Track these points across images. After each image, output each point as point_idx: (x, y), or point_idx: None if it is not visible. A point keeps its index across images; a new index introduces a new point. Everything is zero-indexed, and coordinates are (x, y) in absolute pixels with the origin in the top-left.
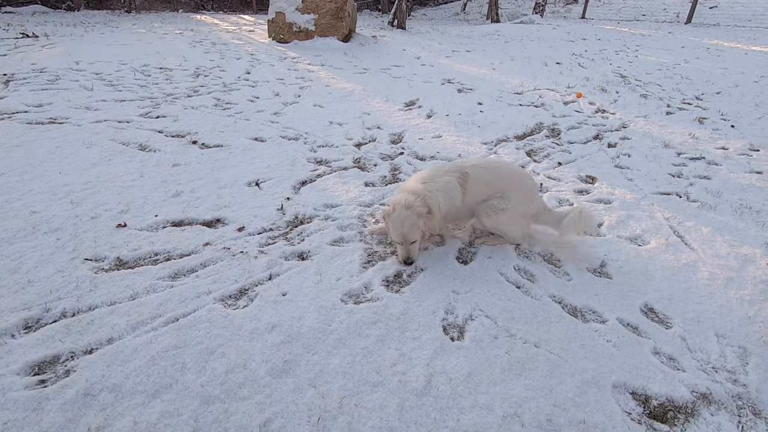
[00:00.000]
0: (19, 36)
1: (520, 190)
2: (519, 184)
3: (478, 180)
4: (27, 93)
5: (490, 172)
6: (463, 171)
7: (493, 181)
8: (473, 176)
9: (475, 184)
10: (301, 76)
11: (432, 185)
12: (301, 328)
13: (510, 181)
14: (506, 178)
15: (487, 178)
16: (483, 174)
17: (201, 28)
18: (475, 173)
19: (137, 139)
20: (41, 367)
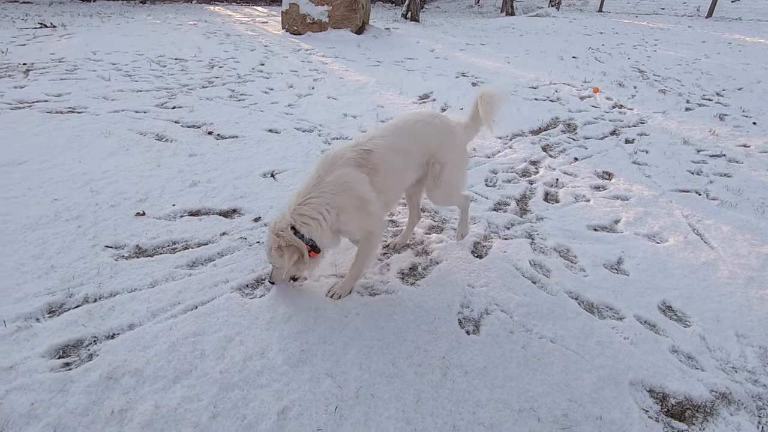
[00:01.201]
0: (37, 26)
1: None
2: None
3: (388, 152)
4: (46, 82)
5: (397, 137)
6: (362, 150)
7: (409, 144)
8: (380, 151)
9: (388, 159)
10: (314, 68)
11: (308, 203)
12: (317, 318)
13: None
14: (423, 132)
15: (399, 144)
16: (390, 143)
17: (215, 19)
18: (381, 145)
19: (154, 129)
20: (65, 351)
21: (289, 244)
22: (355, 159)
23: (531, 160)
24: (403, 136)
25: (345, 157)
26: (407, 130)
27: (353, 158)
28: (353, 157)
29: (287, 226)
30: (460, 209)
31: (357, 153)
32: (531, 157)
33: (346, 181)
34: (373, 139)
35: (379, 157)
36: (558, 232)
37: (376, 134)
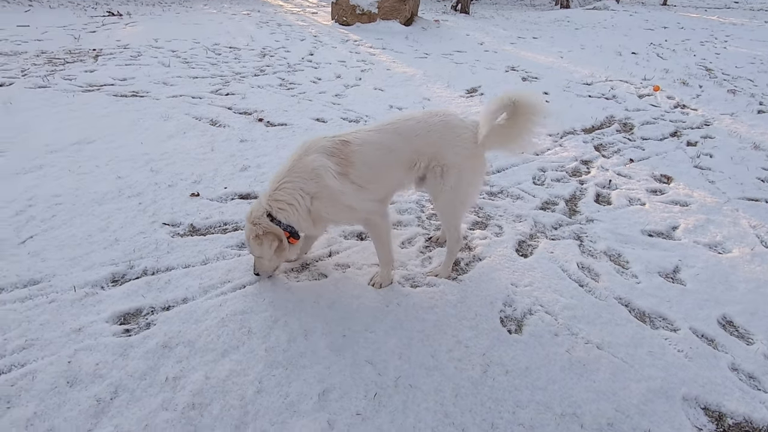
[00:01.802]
0: (105, 14)
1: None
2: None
3: (365, 146)
4: (113, 67)
5: (382, 132)
6: (339, 141)
7: (393, 141)
8: (357, 143)
9: (364, 152)
10: (362, 59)
11: (283, 188)
12: (359, 306)
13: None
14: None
15: (382, 139)
16: (372, 137)
17: (267, 9)
18: (360, 139)
19: (208, 114)
20: (126, 318)
21: (266, 231)
22: (329, 148)
23: (582, 159)
24: (389, 132)
25: (318, 144)
26: (396, 127)
27: (327, 147)
28: (327, 146)
29: (263, 214)
30: (449, 244)
31: (332, 143)
32: (582, 157)
33: (314, 167)
34: (357, 132)
35: (355, 149)
36: (609, 235)
37: (363, 128)
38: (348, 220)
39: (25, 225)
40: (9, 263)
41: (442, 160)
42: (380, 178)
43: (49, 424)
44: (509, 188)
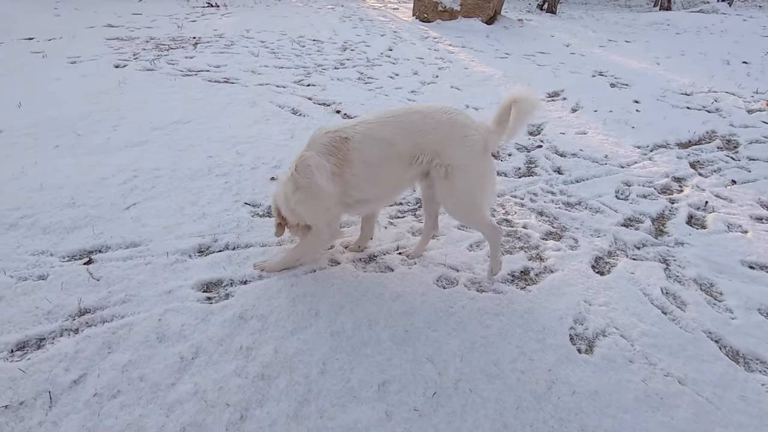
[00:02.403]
0: (205, 5)
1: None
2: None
3: (364, 142)
4: (209, 55)
5: (383, 125)
6: (339, 137)
7: (393, 135)
8: (356, 140)
9: (369, 148)
10: (440, 57)
11: (287, 176)
12: (423, 303)
13: (431, 131)
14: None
15: (381, 133)
16: (372, 131)
17: (350, 4)
18: (360, 133)
19: (290, 103)
20: (208, 287)
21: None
22: (327, 146)
23: (675, 176)
24: (389, 125)
25: (318, 142)
26: (397, 120)
27: (325, 145)
28: (326, 144)
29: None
30: (485, 238)
31: (331, 139)
32: (675, 173)
33: (309, 164)
34: (356, 126)
35: (354, 146)
36: (701, 262)
37: (363, 120)
38: (309, 218)
39: (130, 193)
40: (116, 225)
41: (447, 160)
42: (378, 177)
43: (140, 372)
44: (588, 200)
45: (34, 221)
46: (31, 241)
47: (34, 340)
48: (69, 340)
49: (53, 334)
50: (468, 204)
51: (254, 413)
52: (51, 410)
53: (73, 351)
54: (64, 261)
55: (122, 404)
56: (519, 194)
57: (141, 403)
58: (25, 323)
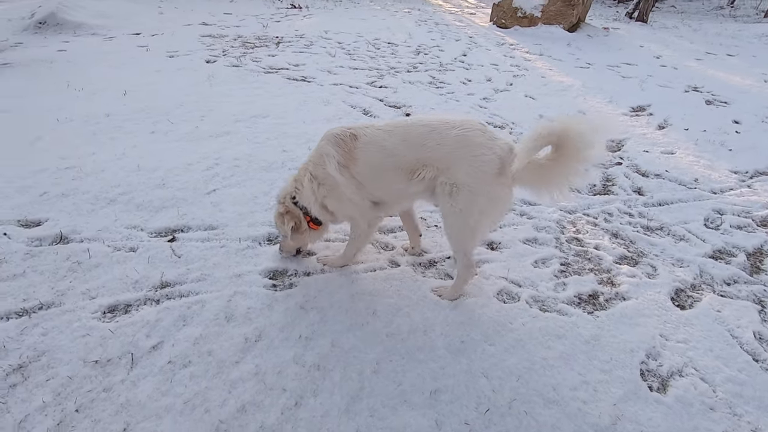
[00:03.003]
0: (289, 6)
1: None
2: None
3: (371, 144)
4: (290, 54)
5: (391, 134)
6: (349, 133)
7: (397, 146)
8: (364, 140)
9: (373, 153)
10: (516, 64)
11: (302, 172)
12: (481, 316)
13: (437, 148)
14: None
15: (388, 141)
16: (380, 137)
17: (427, 8)
18: (369, 135)
19: (362, 104)
20: (275, 275)
21: (287, 210)
22: (337, 138)
23: None
24: (395, 135)
25: (332, 133)
26: (405, 131)
27: (337, 135)
28: (338, 135)
29: (288, 194)
30: (458, 267)
31: (342, 132)
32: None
33: (321, 154)
34: (369, 128)
35: (360, 146)
36: None
37: (376, 124)
38: (343, 214)
39: (212, 179)
40: (197, 208)
41: (452, 178)
42: (379, 180)
43: (209, 347)
44: (672, 226)
45: (130, 198)
46: (126, 216)
47: (122, 305)
48: (151, 309)
49: (138, 301)
50: (461, 227)
51: (308, 402)
52: (132, 370)
53: (154, 319)
54: (152, 237)
55: (192, 374)
56: (592, 213)
57: (207, 376)
58: (116, 289)
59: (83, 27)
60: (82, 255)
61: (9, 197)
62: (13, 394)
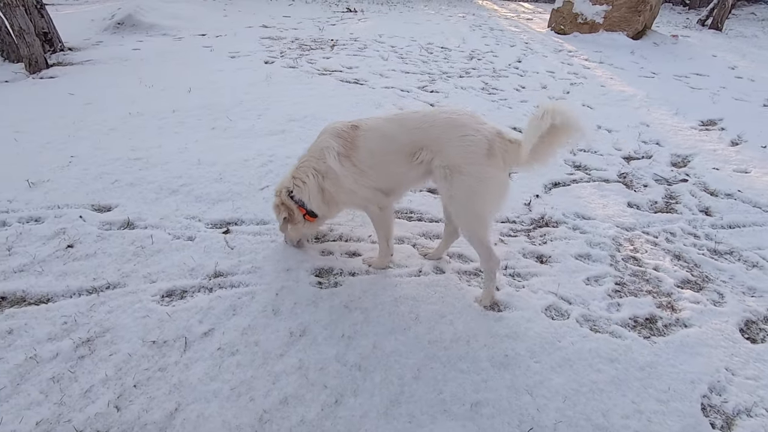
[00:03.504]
0: (344, 10)
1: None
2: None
3: (371, 132)
4: (344, 56)
5: (390, 122)
6: (350, 125)
7: (396, 131)
8: (370, 127)
9: (375, 139)
10: (574, 72)
11: (302, 167)
12: (528, 330)
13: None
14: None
15: (387, 128)
16: (379, 124)
17: (482, 12)
18: (369, 125)
19: (412, 108)
20: (321, 272)
21: (282, 203)
22: (337, 130)
23: None
24: (393, 122)
25: (332, 127)
26: (401, 118)
27: (338, 129)
28: (339, 128)
29: (284, 188)
30: (480, 261)
31: (343, 126)
32: None
33: (322, 147)
34: (368, 120)
35: (361, 134)
36: None
37: (377, 115)
38: (351, 203)
39: (265, 176)
40: (251, 203)
41: (446, 160)
42: (381, 165)
43: (256, 338)
44: (744, 251)
45: (190, 190)
46: (186, 207)
47: (179, 291)
48: (204, 297)
49: (193, 288)
50: (466, 211)
51: (348, 401)
52: (185, 353)
53: (207, 307)
54: (208, 227)
55: (239, 363)
56: (653, 231)
57: (253, 366)
58: (174, 275)
59: (155, 28)
60: (146, 240)
61: (86, 183)
62: (81, 365)
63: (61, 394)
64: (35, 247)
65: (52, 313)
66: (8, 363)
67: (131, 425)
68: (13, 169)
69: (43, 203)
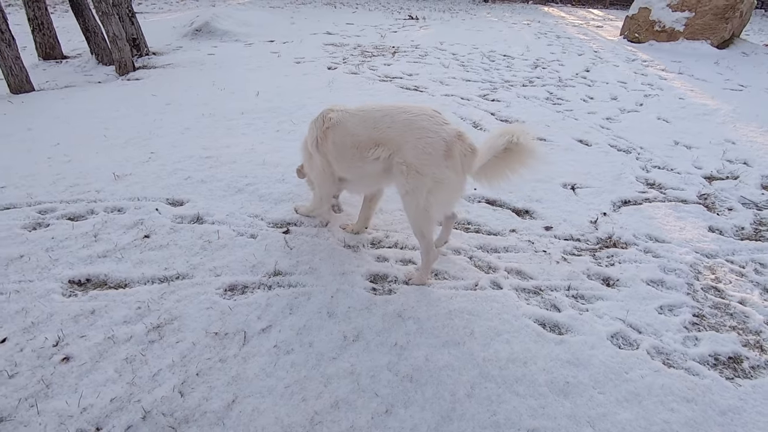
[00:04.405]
0: (406, 18)
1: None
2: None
3: (339, 125)
4: (404, 63)
5: (359, 116)
6: (328, 114)
7: (360, 127)
8: (337, 120)
9: (338, 133)
10: (648, 82)
11: None
12: (591, 357)
13: (386, 129)
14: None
15: (353, 121)
16: (348, 117)
17: (547, 20)
18: (340, 117)
19: (472, 116)
20: (375, 278)
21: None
22: (321, 116)
23: None
24: (358, 117)
25: (320, 113)
26: (365, 114)
27: (322, 115)
28: (323, 114)
29: None
30: (420, 251)
31: (326, 112)
32: None
33: (309, 129)
34: (339, 112)
35: (331, 126)
36: None
37: (345, 108)
38: (312, 179)
39: None
40: None
41: (404, 158)
42: (342, 158)
43: (311, 339)
44: None
45: (254, 189)
46: (250, 205)
47: (240, 286)
48: (263, 294)
49: (254, 285)
50: (418, 208)
51: (399, 411)
52: (243, 347)
53: (265, 304)
54: (270, 227)
55: (293, 362)
56: (738, 260)
57: (307, 367)
58: (237, 270)
59: (229, 34)
60: (212, 235)
61: (162, 178)
62: (151, 350)
63: (133, 375)
64: (117, 235)
65: (129, 297)
66: (90, 341)
67: (192, 412)
68: (102, 162)
69: (126, 195)
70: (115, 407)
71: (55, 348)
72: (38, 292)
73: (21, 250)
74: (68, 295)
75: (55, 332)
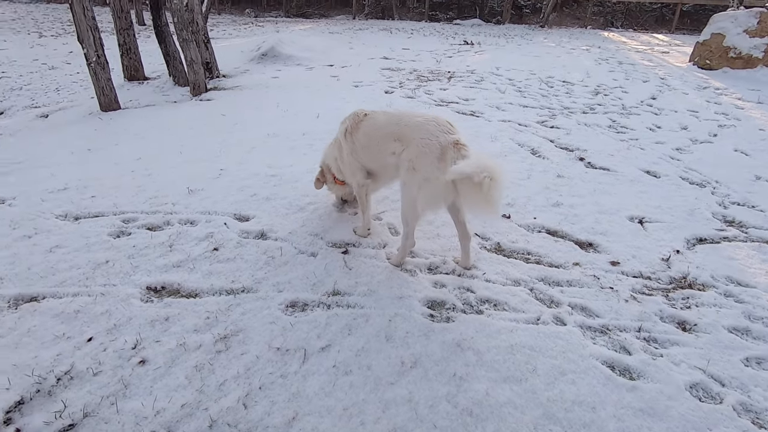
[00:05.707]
0: (461, 43)
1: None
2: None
3: (370, 121)
4: (460, 88)
5: (388, 116)
6: (363, 112)
7: (385, 125)
8: (369, 116)
9: (369, 124)
10: (723, 112)
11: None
12: (668, 409)
13: (396, 129)
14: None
15: (382, 120)
16: (379, 116)
17: (608, 45)
18: (372, 114)
19: (531, 143)
20: (433, 305)
21: (320, 170)
22: (354, 114)
23: None
24: (387, 116)
25: (353, 112)
26: (392, 115)
27: (355, 113)
28: (356, 113)
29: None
30: (401, 236)
31: (360, 111)
32: None
33: (341, 124)
34: (376, 111)
35: (365, 120)
36: None
37: (379, 110)
38: (346, 173)
39: (382, 201)
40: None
41: (408, 154)
42: (369, 147)
43: (369, 362)
44: None
45: (315, 208)
46: (311, 224)
47: (301, 303)
48: (323, 313)
49: (314, 303)
50: (410, 199)
51: None
52: (303, 365)
53: (324, 323)
54: (329, 246)
55: (351, 384)
56: None
57: (365, 390)
58: (298, 287)
59: (292, 58)
60: (276, 252)
61: (231, 194)
62: (218, 359)
63: (201, 382)
64: (189, 246)
65: (199, 307)
66: (164, 346)
67: (255, 425)
68: (177, 176)
69: (198, 208)
70: (185, 413)
71: (133, 350)
72: (120, 296)
73: (107, 255)
74: (146, 301)
75: (134, 335)
